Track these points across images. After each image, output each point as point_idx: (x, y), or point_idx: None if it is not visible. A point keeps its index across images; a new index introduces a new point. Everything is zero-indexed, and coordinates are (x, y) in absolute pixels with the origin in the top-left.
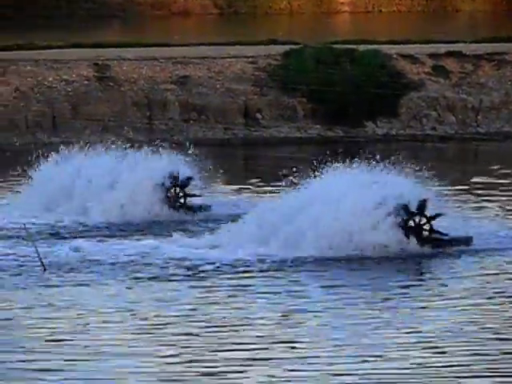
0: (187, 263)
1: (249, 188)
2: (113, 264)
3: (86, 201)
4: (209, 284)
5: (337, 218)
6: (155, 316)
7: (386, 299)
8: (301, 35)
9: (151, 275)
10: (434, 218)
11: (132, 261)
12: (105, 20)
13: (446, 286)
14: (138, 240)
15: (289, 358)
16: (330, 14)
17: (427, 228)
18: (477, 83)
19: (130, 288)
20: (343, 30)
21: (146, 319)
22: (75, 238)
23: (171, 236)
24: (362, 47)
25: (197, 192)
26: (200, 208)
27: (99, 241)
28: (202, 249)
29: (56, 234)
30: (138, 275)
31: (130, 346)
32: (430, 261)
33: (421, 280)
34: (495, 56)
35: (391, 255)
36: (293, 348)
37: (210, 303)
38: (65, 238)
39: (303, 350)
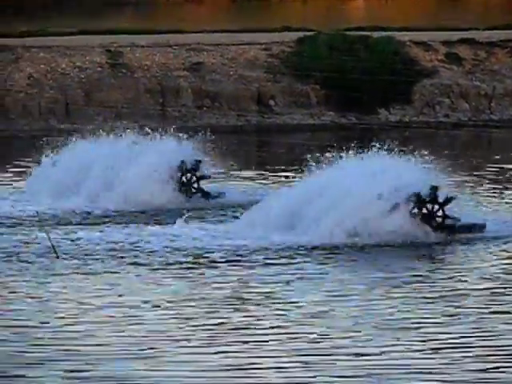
0: (201, 250)
1: (262, 175)
2: (125, 251)
3: (98, 188)
4: (219, 272)
5: (349, 206)
6: (172, 305)
7: (400, 287)
8: (314, 22)
9: (165, 262)
10: (446, 203)
11: (148, 248)
12: (118, 6)
13: (460, 273)
14: (152, 226)
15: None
16: (344, 1)
17: (440, 214)
18: (490, 70)
19: (139, 275)
20: (357, 16)
21: (161, 308)
22: (85, 225)
23: (186, 223)
24: (375, 34)
25: (209, 180)
26: (214, 195)
27: (107, 228)
28: (217, 235)
29: (67, 222)
30: (151, 262)
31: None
32: (444, 247)
33: (435, 267)
34: (508, 43)
35: (405, 242)
36: (314, 340)
37: (222, 290)
38: (75, 226)
39: (326, 339)
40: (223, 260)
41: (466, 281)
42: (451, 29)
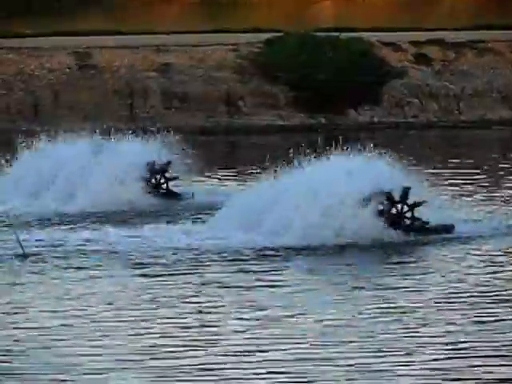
0: (169, 251)
1: (230, 176)
2: (93, 252)
3: (66, 189)
4: (181, 273)
5: (318, 207)
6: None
7: (367, 289)
8: (283, 23)
9: (131, 264)
10: (416, 205)
11: (127, 249)
12: (86, 7)
13: (427, 274)
14: (123, 228)
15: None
16: (312, 2)
17: (409, 216)
18: (459, 71)
19: (104, 277)
20: (325, 17)
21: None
22: (54, 225)
23: (155, 224)
24: (344, 35)
25: (178, 181)
26: (182, 196)
27: (76, 229)
28: (184, 236)
29: (37, 222)
30: (135, 265)
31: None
32: (412, 248)
33: (403, 268)
34: (477, 44)
35: (373, 243)
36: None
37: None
38: (47, 226)
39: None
40: (189, 260)
41: (433, 281)
42: (420, 29)
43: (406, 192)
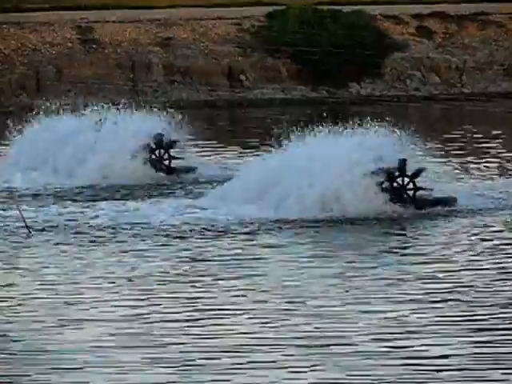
0: (172, 224)
1: (233, 149)
2: (100, 227)
3: (69, 163)
4: (185, 245)
5: (319, 180)
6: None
7: (373, 267)
8: None
9: (136, 236)
10: (416, 175)
11: (129, 223)
12: None
13: (431, 246)
14: (125, 203)
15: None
16: None
17: (411, 187)
18: (461, 43)
19: (110, 249)
20: None
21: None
22: (60, 201)
23: (157, 198)
24: (345, 8)
25: (181, 154)
26: (185, 170)
27: (80, 203)
28: (186, 210)
29: (41, 197)
30: (137, 238)
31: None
32: (415, 221)
33: (406, 241)
34: (479, 16)
35: (375, 217)
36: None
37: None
38: (48, 201)
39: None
40: (190, 233)
41: (437, 254)
42: (422, 2)
43: (403, 164)
